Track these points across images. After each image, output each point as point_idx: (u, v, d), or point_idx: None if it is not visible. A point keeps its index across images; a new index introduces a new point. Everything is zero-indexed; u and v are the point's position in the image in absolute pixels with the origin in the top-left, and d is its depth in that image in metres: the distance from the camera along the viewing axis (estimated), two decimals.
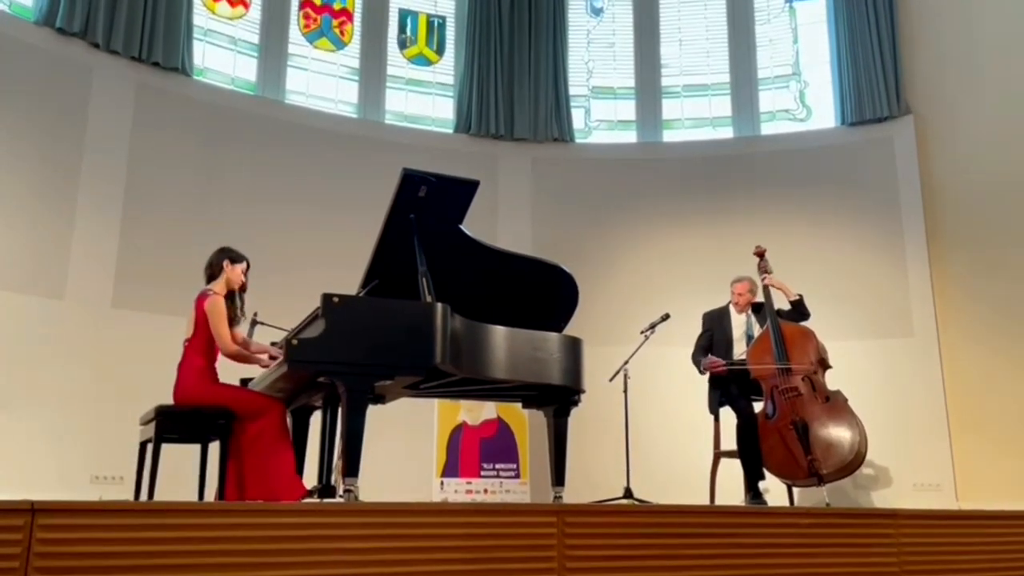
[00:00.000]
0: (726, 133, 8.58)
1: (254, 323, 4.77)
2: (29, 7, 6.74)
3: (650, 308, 6.56)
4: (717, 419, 5.57)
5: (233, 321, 4.08)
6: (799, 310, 5.45)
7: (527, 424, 6.98)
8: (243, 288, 4.22)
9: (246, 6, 7.98)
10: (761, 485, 5.00)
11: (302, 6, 8.27)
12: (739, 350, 5.46)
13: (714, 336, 5.59)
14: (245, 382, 4.37)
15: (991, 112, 7.55)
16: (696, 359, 5.52)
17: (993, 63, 7.62)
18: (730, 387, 5.29)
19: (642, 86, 8.78)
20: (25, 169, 6.34)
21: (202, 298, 4.05)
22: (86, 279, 6.46)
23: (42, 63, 6.55)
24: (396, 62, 8.55)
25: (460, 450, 6.88)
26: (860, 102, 7.98)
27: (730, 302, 5.64)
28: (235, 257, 4.20)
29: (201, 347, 3.99)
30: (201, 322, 4.00)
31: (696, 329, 5.68)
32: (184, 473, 3.99)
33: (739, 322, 5.56)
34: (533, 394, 4.19)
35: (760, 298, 5.54)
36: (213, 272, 4.17)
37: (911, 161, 7.76)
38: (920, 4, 8.13)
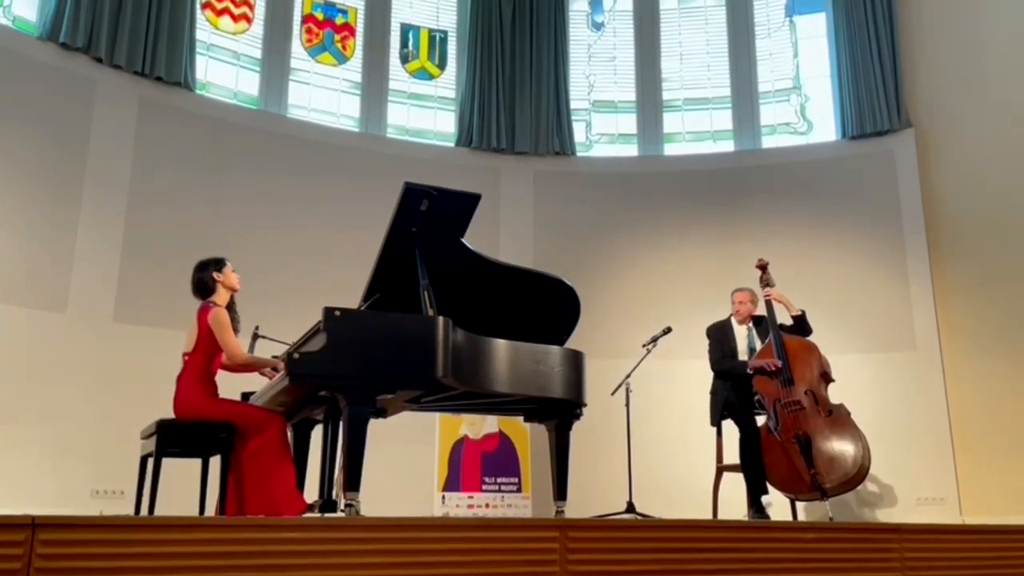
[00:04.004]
0: (727, 146, 8.59)
1: (255, 336, 4.76)
2: (33, 22, 6.78)
3: (652, 321, 6.56)
4: (719, 432, 5.56)
5: (235, 331, 4.06)
6: (801, 326, 5.43)
7: (529, 438, 6.96)
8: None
9: (249, 21, 8.02)
10: (764, 499, 4.98)
11: (304, 21, 8.31)
12: None
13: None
14: (246, 396, 4.36)
15: (993, 124, 7.55)
16: (728, 364, 5.39)
17: (994, 75, 7.63)
18: (731, 400, 5.28)
19: (643, 100, 8.80)
20: (28, 182, 6.35)
21: (204, 311, 4.01)
22: (88, 293, 6.47)
23: (46, 78, 6.58)
24: (398, 76, 8.59)
25: (462, 464, 6.86)
26: (861, 115, 7.99)
27: (731, 314, 5.63)
28: (218, 263, 4.12)
29: (201, 361, 3.96)
30: (202, 335, 3.97)
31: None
32: (185, 488, 3.98)
33: (741, 334, 5.54)
34: (535, 408, 4.18)
35: (762, 311, 5.53)
36: (207, 289, 4.08)
37: (912, 174, 7.76)
38: (921, 17, 8.16)
